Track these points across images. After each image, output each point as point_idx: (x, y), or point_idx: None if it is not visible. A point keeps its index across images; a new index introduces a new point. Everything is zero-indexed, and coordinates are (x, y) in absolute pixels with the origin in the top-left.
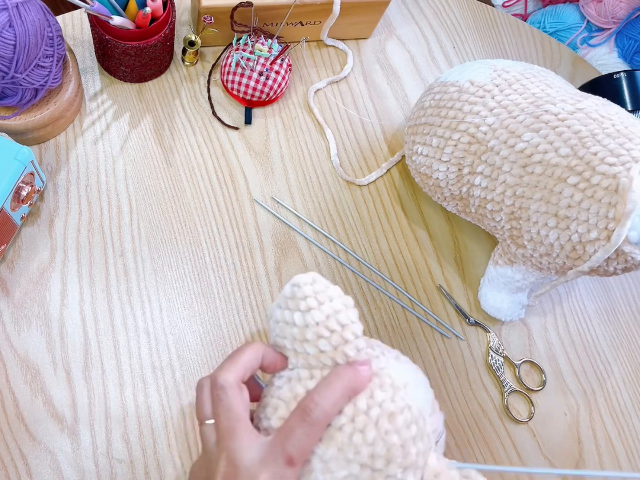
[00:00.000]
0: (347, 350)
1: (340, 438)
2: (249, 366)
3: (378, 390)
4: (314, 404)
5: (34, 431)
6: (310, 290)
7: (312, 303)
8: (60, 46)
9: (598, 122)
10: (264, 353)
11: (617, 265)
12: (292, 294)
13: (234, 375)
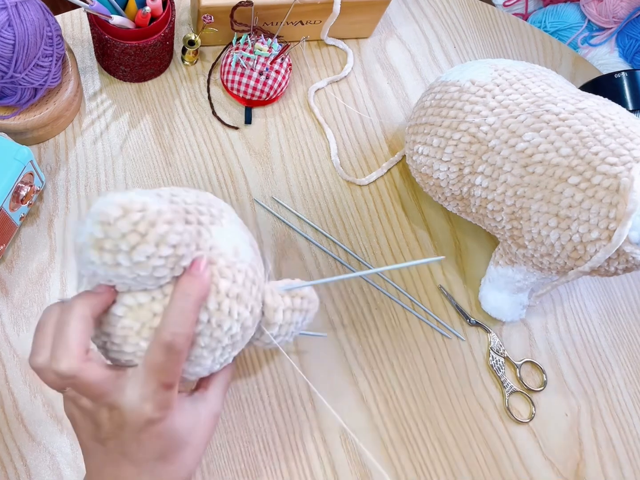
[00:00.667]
0: (183, 263)
1: (202, 340)
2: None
3: (220, 279)
4: (173, 334)
5: (34, 432)
6: (126, 225)
7: (134, 239)
8: (60, 46)
9: (599, 122)
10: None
11: (618, 266)
12: (105, 234)
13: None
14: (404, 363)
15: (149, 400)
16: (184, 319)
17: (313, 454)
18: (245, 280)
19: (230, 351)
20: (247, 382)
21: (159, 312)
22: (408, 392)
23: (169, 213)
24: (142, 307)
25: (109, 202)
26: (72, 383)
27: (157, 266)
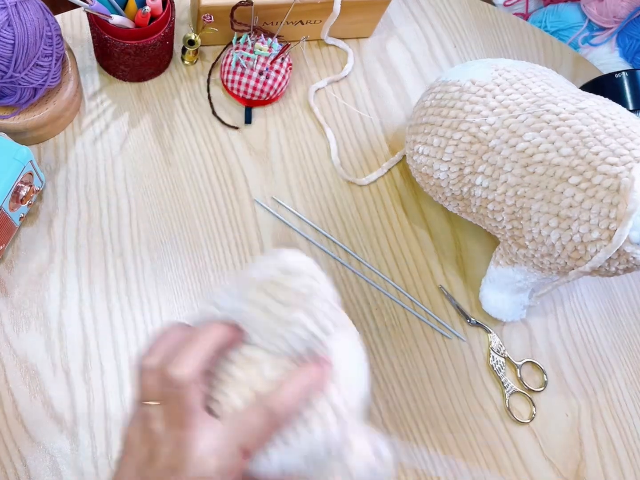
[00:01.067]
0: (316, 349)
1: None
2: (209, 360)
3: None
4: (281, 405)
5: (33, 432)
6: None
7: (296, 300)
8: (59, 45)
9: (599, 122)
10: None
11: (618, 266)
12: (282, 283)
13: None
14: (404, 363)
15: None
16: (297, 396)
17: None
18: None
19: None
20: None
21: (266, 377)
22: (408, 392)
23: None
24: (256, 364)
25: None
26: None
27: (298, 335)
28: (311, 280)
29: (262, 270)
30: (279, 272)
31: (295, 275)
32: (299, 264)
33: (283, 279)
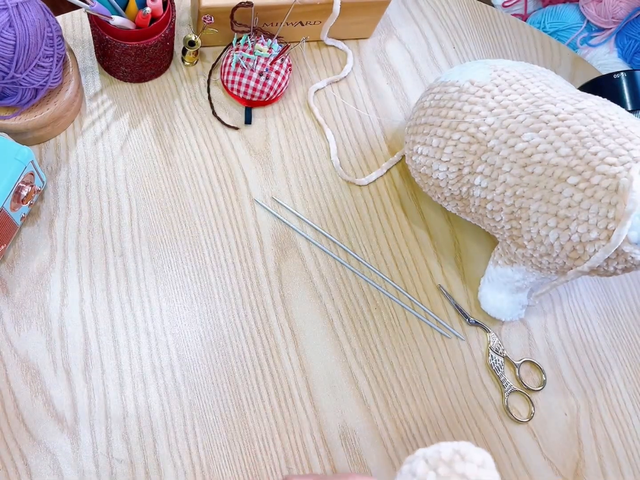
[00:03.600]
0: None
1: None
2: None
3: None
4: None
5: (34, 431)
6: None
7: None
8: (60, 46)
9: (598, 122)
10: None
11: (617, 265)
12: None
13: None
14: (403, 363)
15: None
16: None
17: (313, 453)
18: None
19: None
20: (247, 381)
21: None
22: (408, 391)
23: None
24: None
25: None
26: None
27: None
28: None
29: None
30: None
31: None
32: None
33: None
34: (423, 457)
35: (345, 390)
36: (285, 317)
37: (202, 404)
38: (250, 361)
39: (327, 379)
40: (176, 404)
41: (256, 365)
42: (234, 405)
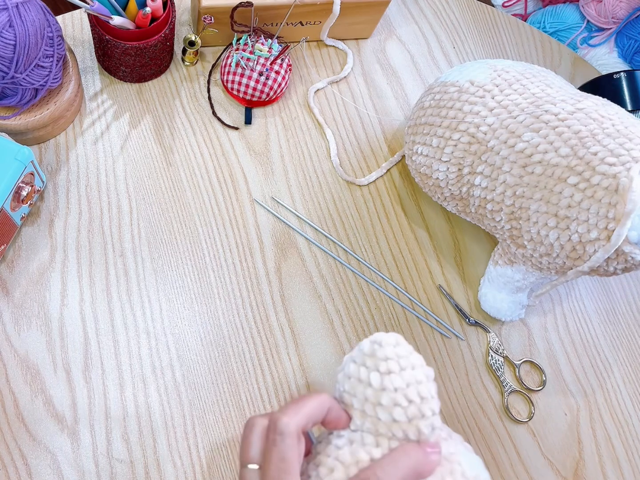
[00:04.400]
0: (422, 426)
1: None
2: (313, 417)
3: (448, 476)
4: (376, 477)
5: (34, 431)
6: (392, 352)
7: (393, 366)
8: (60, 46)
9: (598, 122)
10: (330, 406)
11: (617, 265)
12: (372, 352)
13: (296, 423)
14: None
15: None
16: (394, 472)
17: None
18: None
19: None
20: (247, 382)
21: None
22: None
23: (430, 371)
24: (364, 447)
25: (390, 334)
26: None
27: (399, 404)
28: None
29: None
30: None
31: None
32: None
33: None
34: (351, 360)
35: None
36: (285, 317)
37: (202, 404)
38: (250, 361)
39: (328, 379)
40: (176, 404)
41: (256, 365)
42: (234, 405)
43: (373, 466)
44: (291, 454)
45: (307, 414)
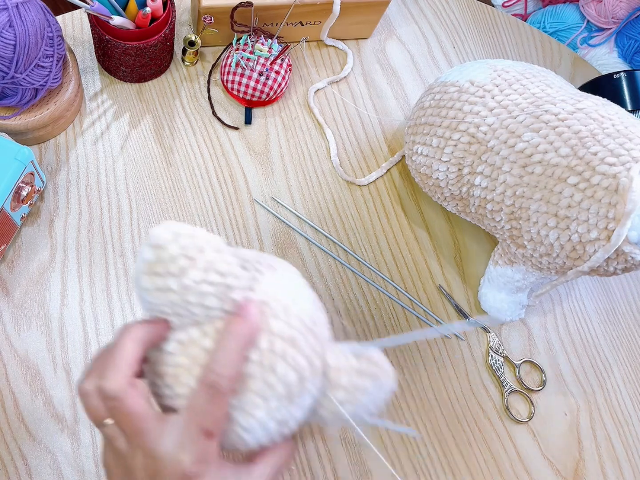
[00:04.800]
0: (234, 295)
1: (254, 384)
2: (135, 360)
3: (273, 320)
4: (216, 375)
5: (34, 431)
6: (176, 248)
7: (183, 263)
8: (60, 46)
9: (598, 122)
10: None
11: (617, 265)
12: (157, 257)
13: (122, 378)
14: (403, 363)
15: (186, 449)
16: (229, 359)
17: (313, 454)
18: (301, 327)
19: (287, 406)
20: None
21: (210, 349)
22: (408, 392)
23: (218, 242)
24: (193, 343)
25: (162, 227)
26: (114, 407)
27: (206, 293)
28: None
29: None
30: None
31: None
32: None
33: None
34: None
35: None
36: None
37: None
38: None
39: None
40: None
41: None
42: None
43: (210, 365)
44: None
45: (128, 363)
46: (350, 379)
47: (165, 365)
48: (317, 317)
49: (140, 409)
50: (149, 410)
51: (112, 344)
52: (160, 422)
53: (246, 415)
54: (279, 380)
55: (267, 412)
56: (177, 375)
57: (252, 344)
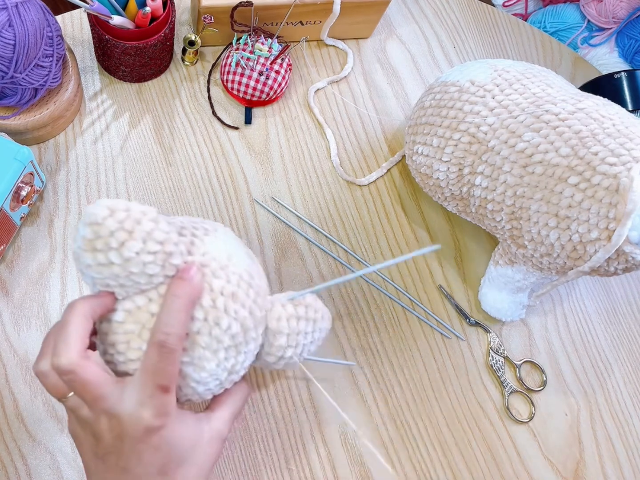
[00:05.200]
0: (174, 261)
1: (201, 339)
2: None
3: (213, 279)
4: (164, 334)
5: (34, 431)
6: (113, 223)
7: (122, 236)
8: (60, 46)
9: (599, 122)
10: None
11: (617, 266)
12: (96, 234)
13: (75, 353)
14: (403, 363)
15: (146, 406)
16: (174, 319)
17: (313, 453)
18: (240, 282)
19: (235, 355)
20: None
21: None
22: (408, 392)
23: (153, 213)
24: (140, 309)
25: (97, 205)
26: (71, 380)
27: (147, 262)
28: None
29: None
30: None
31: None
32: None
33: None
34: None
35: (345, 390)
36: None
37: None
38: None
39: (327, 378)
40: None
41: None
42: None
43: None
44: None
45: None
46: (289, 324)
47: (115, 334)
48: (254, 271)
49: (96, 377)
50: (105, 376)
51: (60, 322)
52: (117, 385)
53: (198, 369)
54: (224, 332)
55: (217, 364)
56: (128, 341)
57: (195, 303)
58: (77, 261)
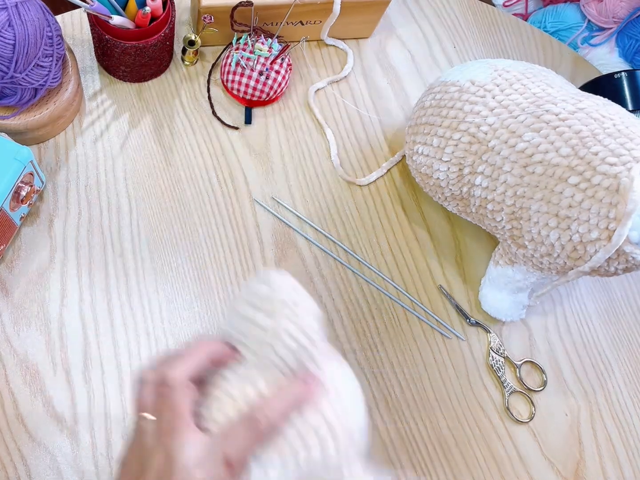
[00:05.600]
0: (305, 361)
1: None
2: (202, 365)
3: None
4: (264, 416)
5: (34, 432)
6: (288, 297)
7: (287, 312)
8: (60, 46)
9: (599, 122)
10: (218, 350)
11: (618, 266)
12: (268, 296)
13: (185, 374)
14: (403, 363)
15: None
16: (280, 409)
17: None
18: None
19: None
20: None
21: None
22: (408, 392)
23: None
24: (252, 382)
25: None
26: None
27: (290, 347)
28: (295, 294)
29: (249, 287)
30: (263, 286)
31: (279, 288)
32: (283, 279)
33: (267, 291)
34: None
35: None
36: None
37: None
38: None
39: None
40: None
41: None
42: None
43: (262, 405)
44: (180, 404)
45: (195, 364)
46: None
47: (216, 388)
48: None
49: (184, 408)
50: (188, 415)
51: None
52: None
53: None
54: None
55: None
56: (223, 402)
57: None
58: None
